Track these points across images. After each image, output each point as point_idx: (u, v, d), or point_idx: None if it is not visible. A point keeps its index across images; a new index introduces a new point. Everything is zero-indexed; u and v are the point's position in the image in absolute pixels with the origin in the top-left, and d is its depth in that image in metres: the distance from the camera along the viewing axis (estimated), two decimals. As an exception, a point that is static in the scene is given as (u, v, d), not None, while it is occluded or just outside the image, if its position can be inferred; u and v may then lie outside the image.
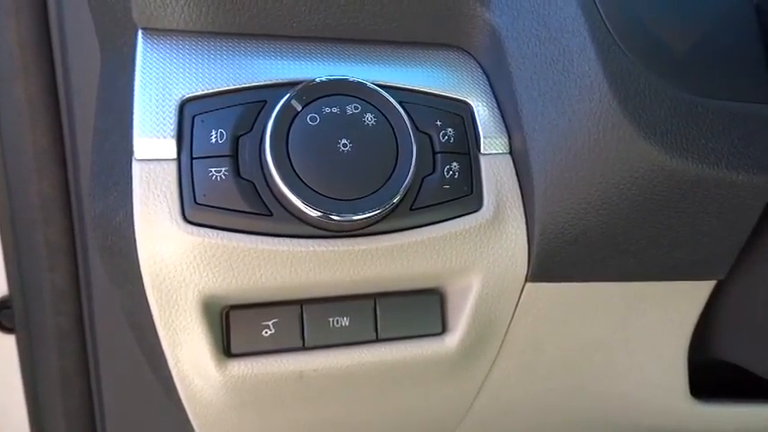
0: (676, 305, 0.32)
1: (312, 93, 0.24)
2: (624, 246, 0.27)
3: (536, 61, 0.25)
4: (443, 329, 0.29)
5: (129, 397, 0.45)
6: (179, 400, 0.29)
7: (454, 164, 0.26)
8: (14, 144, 0.42)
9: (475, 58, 0.28)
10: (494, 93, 0.27)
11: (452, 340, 0.29)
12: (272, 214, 0.24)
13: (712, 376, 0.40)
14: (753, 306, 0.31)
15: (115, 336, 0.45)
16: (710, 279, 0.30)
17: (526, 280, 0.28)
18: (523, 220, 0.27)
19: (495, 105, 0.27)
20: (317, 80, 0.24)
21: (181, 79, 0.24)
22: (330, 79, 0.24)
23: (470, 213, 0.26)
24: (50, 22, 0.38)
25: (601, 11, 0.24)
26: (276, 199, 0.24)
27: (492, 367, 0.31)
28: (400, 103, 0.25)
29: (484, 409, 0.35)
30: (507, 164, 0.27)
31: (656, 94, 0.24)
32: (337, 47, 0.27)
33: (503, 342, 0.31)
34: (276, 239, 0.24)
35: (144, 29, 0.25)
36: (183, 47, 0.25)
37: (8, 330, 0.50)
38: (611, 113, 0.24)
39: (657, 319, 0.32)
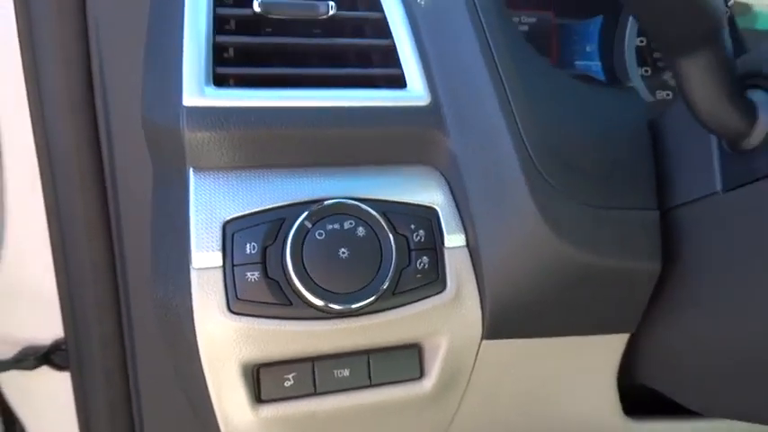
0: (602, 348, 0.41)
1: (319, 214, 0.33)
2: (552, 313, 0.36)
3: (483, 182, 0.34)
4: (421, 375, 0.38)
5: (167, 428, 0.54)
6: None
7: (425, 257, 0.35)
8: (69, 216, 0.51)
9: (441, 173, 0.37)
10: (455, 200, 0.36)
11: (428, 383, 0.38)
12: (291, 304, 0.33)
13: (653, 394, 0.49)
14: (662, 350, 0.40)
15: (154, 374, 0.54)
16: (623, 333, 0.39)
17: (482, 339, 0.37)
18: (478, 296, 0.36)
19: (456, 210, 0.36)
20: (324, 204, 0.33)
21: (223, 205, 0.33)
22: (332, 203, 0.33)
23: (437, 294, 0.35)
24: (99, 124, 0.46)
25: (528, 149, 0.33)
26: (294, 293, 0.32)
27: (461, 402, 0.40)
28: (383, 212, 0.34)
29: None
30: (465, 255, 0.36)
31: (568, 210, 0.33)
32: (336, 169, 0.35)
33: (468, 383, 0.39)
34: (295, 321, 0.33)
35: (193, 167, 0.34)
36: (223, 179, 0.34)
37: (62, 368, 0.58)
38: (537, 224, 0.33)
39: (588, 359, 0.41)
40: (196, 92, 0.33)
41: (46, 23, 0.42)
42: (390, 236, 0.34)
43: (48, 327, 0.57)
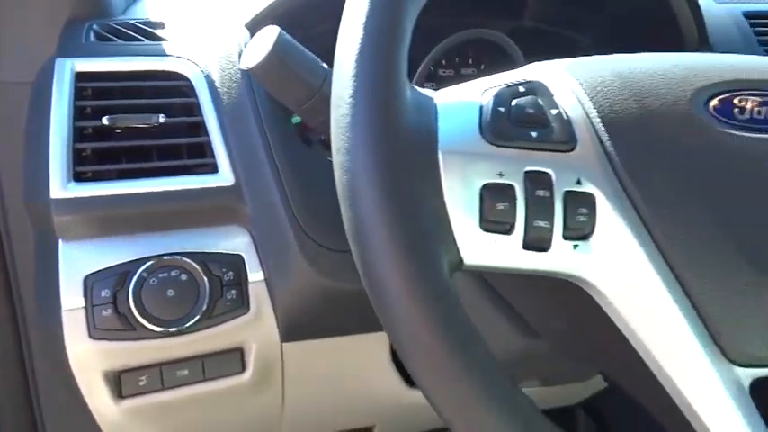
0: (375, 341, 0.58)
1: (152, 267, 0.48)
2: (327, 322, 0.53)
3: (270, 237, 0.51)
4: (243, 369, 0.54)
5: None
6: (94, 421, 0.52)
7: (233, 291, 0.51)
8: None
9: (246, 230, 0.53)
10: (256, 249, 0.53)
11: (247, 375, 0.54)
12: (135, 329, 0.48)
13: None
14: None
15: (49, 389, 0.67)
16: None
17: (281, 342, 0.54)
18: (273, 314, 0.52)
19: (257, 256, 0.52)
20: (157, 260, 0.48)
21: (84, 264, 0.47)
22: (162, 259, 0.49)
23: (244, 314, 0.51)
24: None
25: (296, 214, 0.50)
26: (137, 322, 0.48)
27: (285, 389, 0.57)
28: (202, 261, 0.50)
29: (295, 415, 0.60)
30: (263, 287, 0.52)
31: (325, 256, 0.50)
32: (169, 233, 0.51)
33: (283, 374, 0.56)
34: (139, 342, 0.48)
35: (61, 238, 0.48)
36: (84, 245, 0.48)
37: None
38: (304, 267, 0.50)
39: (368, 349, 0.59)
40: (60, 187, 0.47)
41: None
42: (205, 278, 0.49)
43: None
